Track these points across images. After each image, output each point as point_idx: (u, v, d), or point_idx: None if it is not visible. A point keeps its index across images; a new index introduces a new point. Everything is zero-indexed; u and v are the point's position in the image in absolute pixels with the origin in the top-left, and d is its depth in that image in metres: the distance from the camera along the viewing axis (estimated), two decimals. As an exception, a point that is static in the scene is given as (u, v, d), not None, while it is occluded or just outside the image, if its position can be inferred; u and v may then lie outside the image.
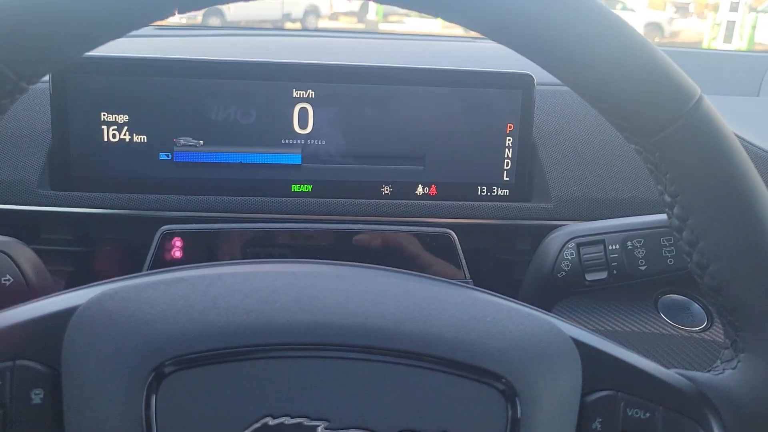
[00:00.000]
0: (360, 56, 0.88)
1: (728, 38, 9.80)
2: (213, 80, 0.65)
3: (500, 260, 0.72)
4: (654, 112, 0.33)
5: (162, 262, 0.59)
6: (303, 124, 0.67)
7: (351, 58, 0.68)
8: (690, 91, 0.33)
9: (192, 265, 0.36)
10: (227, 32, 1.15)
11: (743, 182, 0.34)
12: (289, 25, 11.55)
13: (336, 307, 0.33)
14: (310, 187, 0.68)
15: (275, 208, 0.67)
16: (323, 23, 12.33)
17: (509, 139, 0.69)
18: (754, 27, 9.74)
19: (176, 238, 0.60)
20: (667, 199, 0.36)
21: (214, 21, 9.90)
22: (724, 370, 0.38)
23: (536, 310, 0.37)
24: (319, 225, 0.63)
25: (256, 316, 0.32)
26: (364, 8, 12.93)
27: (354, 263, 0.37)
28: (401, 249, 0.62)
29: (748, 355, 0.36)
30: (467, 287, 0.37)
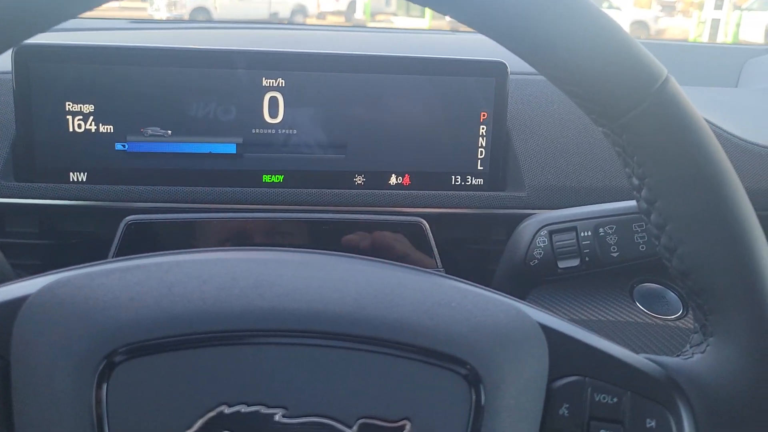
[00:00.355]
0: (335, 46, 0.87)
1: (713, 36, 9.90)
2: (180, 69, 0.64)
3: (474, 250, 0.71)
4: (620, 93, 0.33)
5: (127, 253, 0.58)
6: (273, 113, 0.65)
7: (324, 48, 0.66)
8: (656, 72, 0.33)
9: (150, 253, 0.35)
10: (205, 25, 1.14)
11: (710, 164, 0.33)
12: (276, 24, 11.50)
13: (295, 292, 0.32)
14: (281, 178, 0.67)
15: (246, 198, 0.65)
16: (311, 22, 12.31)
17: (483, 128, 0.68)
18: (738, 25, 9.83)
19: (141, 228, 0.58)
20: (635, 182, 0.35)
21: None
22: (693, 354, 0.37)
23: (503, 295, 0.36)
24: (289, 214, 0.62)
25: (212, 302, 0.31)
26: (351, 7, 12.93)
27: (318, 251, 0.37)
28: (372, 238, 0.62)
29: (716, 338, 0.35)
30: (433, 273, 0.36)
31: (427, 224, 0.61)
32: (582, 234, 0.54)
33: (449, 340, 0.32)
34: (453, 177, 0.69)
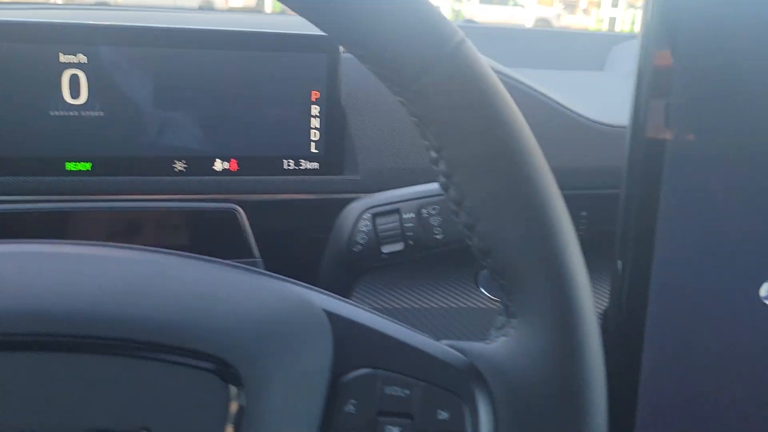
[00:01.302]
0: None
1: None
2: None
3: (302, 239, 0.66)
4: (410, 57, 0.30)
5: None
6: (75, 93, 0.58)
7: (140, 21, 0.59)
8: (449, 33, 0.30)
9: None
10: (45, 6, 1.03)
11: (508, 135, 0.31)
12: (181, 18, 11.12)
13: (28, 293, 0.28)
14: (89, 165, 0.60)
15: (46, 188, 0.58)
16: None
17: (315, 108, 0.63)
18: (633, 23, 10.39)
19: None
20: (433, 154, 0.32)
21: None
22: (496, 338, 0.34)
23: (291, 282, 0.33)
24: (84, 204, 0.55)
25: None
26: (260, 2, 12.70)
27: (82, 242, 0.32)
28: (179, 229, 0.56)
29: (519, 320, 0.33)
30: (212, 262, 0.32)
31: (241, 211, 0.56)
32: (405, 216, 0.51)
33: (200, 335, 0.28)
34: (285, 161, 0.63)
